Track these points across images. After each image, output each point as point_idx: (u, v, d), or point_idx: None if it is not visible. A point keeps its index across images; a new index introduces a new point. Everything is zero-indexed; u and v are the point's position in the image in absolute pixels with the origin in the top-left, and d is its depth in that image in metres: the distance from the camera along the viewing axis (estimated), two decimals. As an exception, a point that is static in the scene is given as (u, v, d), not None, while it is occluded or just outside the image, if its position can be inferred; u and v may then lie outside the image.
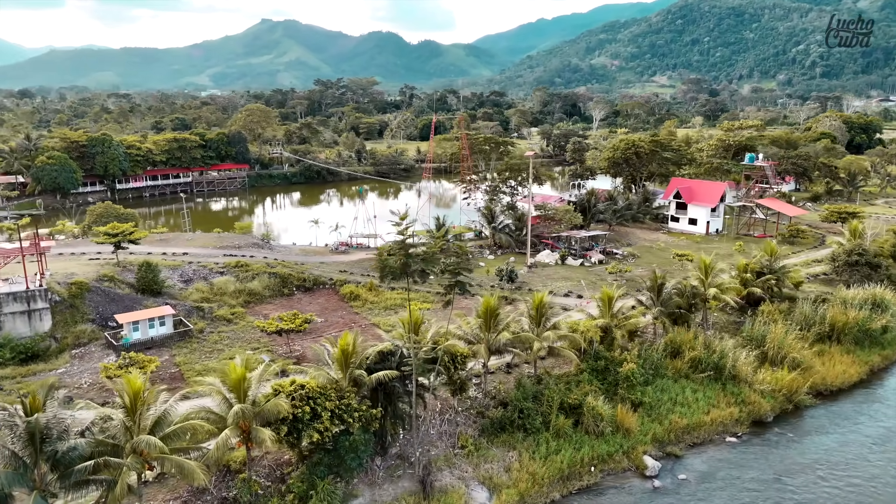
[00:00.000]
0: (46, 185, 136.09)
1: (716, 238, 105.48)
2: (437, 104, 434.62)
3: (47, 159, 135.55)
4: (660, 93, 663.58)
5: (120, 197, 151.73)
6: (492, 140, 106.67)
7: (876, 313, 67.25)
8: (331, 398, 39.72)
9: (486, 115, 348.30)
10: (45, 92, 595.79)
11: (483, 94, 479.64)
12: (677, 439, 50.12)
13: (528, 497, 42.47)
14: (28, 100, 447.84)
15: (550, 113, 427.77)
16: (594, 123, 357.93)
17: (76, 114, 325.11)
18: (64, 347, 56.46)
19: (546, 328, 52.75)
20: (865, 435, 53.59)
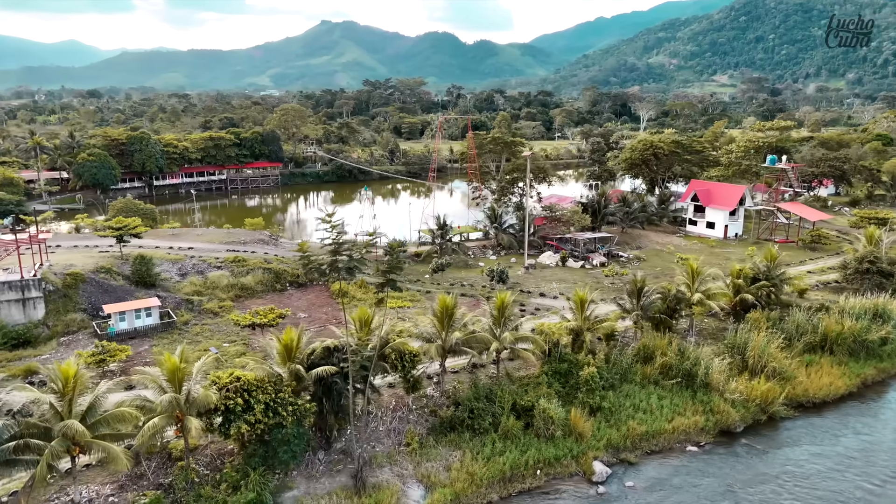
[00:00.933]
0: (87, 180, 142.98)
1: (733, 242, 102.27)
2: (484, 104, 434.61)
3: (88, 156, 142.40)
4: (719, 92, 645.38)
5: (157, 193, 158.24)
6: (499, 140, 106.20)
7: (876, 324, 64.12)
8: (267, 391, 40.78)
9: (530, 115, 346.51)
10: (114, 92, 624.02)
11: (531, 93, 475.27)
12: (634, 446, 49.13)
13: (464, 497, 42.51)
14: (94, 100, 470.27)
15: (599, 113, 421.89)
16: (642, 123, 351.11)
17: (135, 113, 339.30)
18: (54, 335, 59.53)
19: (508, 329, 52.61)
20: (844, 448, 51.43)
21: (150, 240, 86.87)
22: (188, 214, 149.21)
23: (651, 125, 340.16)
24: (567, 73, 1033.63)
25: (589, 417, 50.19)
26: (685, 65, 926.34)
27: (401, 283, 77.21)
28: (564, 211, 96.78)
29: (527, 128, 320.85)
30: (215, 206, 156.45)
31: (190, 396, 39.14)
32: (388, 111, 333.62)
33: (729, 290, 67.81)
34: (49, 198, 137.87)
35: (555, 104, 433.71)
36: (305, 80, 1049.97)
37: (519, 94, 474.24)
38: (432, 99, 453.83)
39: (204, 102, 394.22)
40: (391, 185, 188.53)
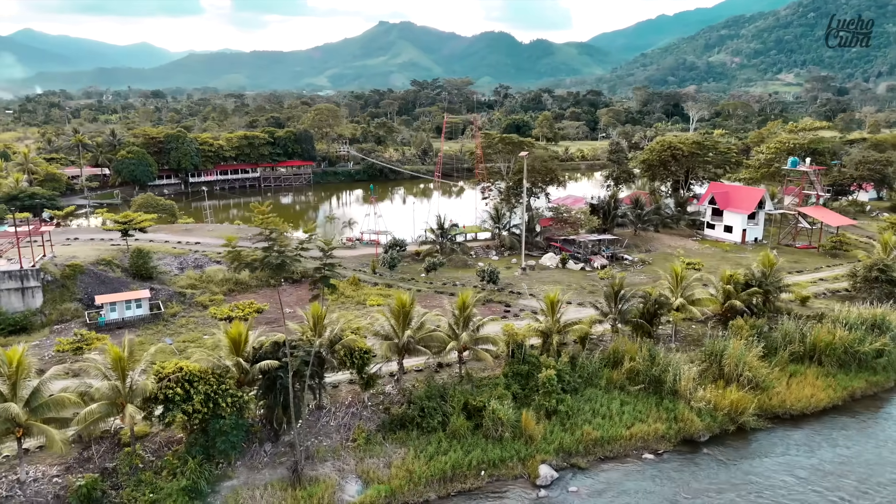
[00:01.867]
0: (125, 177, 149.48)
1: (749, 248, 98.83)
2: (531, 104, 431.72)
3: (127, 154, 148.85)
4: (782, 92, 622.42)
5: (192, 190, 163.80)
6: (508, 140, 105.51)
7: (871, 335, 61.09)
8: (209, 382, 42.16)
9: (574, 115, 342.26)
10: (179, 93, 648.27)
11: (579, 93, 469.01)
12: (586, 451, 48.40)
13: (399, 494, 42.84)
14: (155, 99, 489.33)
15: (650, 113, 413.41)
16: (691, 124, 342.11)
17: (191, 112, 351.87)
18: (48, 323, 62.82)
19: (468, 329, 52.69)
20: (818, 461, 49.49)
21: (163, 234, 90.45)
22: (223, 210, 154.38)
23: (703, 125, 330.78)
24: (623, 72, 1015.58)
25: (543, 420, 49.75)
26: (748, 63, 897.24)
27: (392, 282, 78.33)
28: (571, 212, 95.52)
29: (570, 128, 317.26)
30: (249, 203, 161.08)
31: (133, 385, 40.87)
32: (431, 111, 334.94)
33: (719, 296, 66.00)
34: (89, 193, 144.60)
35: (603, 104, 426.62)
36: (362, 80, 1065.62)
37: (567, 94, 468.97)
38: (479, 99, 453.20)
39: (256, 102, 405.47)
40: (423, 184, 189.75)
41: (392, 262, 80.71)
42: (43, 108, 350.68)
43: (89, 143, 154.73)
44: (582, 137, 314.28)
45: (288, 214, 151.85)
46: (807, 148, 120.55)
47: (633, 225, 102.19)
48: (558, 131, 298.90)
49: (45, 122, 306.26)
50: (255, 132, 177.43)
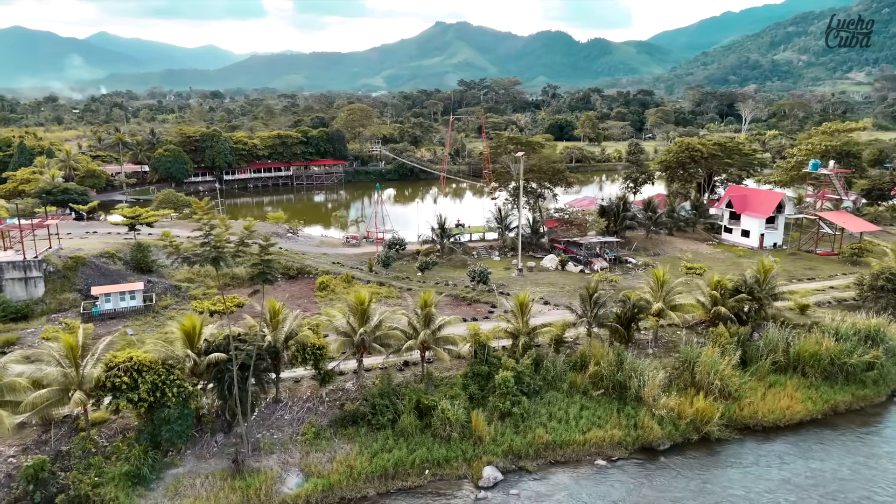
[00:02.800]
0: (162, 174, 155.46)
1: (766, 253, 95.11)
2: (579, 103, 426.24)
3: (164, 152, 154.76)
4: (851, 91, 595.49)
5: (227, 187, 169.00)
6: (517, 140, 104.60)
7: (863, 346, 58.19)
8: (159, 372, 43.78)
9: (619, 115, 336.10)
10: (239, 93, 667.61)
11: (630, 92, 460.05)
12: (537, 455, 47.98)
13: (338, 489, 43.48)
14: (214, 100, 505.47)
15: (702, 113, 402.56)
16: (743, 125, 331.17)
17: (242, 112, 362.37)
18: (47, 311, 66.21)
19: (430, 328, 52.94)
20: (788, 474, 47.72)
21: (176, 229, 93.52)
22: (259, 207, 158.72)
23: (759, 126, 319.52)
24: (683, 71, 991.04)
25: (496, 422, 49.53)
26: (816, 61, 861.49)
27: (385, 280, 79.16)
28: (578, 214, 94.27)
29: (614, 128, 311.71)
30: (281, 201, 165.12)
31: (84, 372, 42.86)
32: (474, 111, 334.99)
33: (707, 303, 64.15)
34: (127, 189, 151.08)
35: (654, 104, 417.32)
36: (417, 80, 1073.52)
37: (617, 94, 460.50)
38: (526, 98, 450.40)
39: (308, 102, 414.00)
40: (454, 184, 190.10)
41: (386, 261, 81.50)
42: (106, 107, 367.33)
43: (129, 141, 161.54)
44: (627, 138, 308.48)
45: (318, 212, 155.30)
46: (840, 150, 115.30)
47: (644, 228, 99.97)
48: (601, 131, 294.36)
49: (106, 121, 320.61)
50: (289, 132, 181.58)
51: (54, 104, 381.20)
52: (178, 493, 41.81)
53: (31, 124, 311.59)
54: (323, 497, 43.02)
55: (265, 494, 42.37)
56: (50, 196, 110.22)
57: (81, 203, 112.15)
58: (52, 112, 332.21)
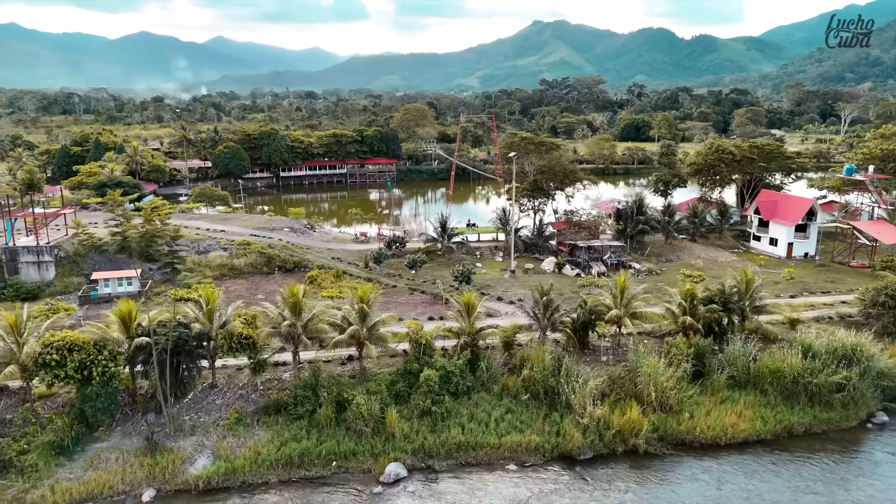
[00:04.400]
0: (221, 170, 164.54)
1: (793, 263, 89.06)
2: (666, 103, 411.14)
3: (224, 149, 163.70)
4: None
5: (283, 183, 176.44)
6: (529, 140, 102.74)
7: (834, 366, 53.71)
8: (89, 352, 47.28)
9: (702, 115, 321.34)
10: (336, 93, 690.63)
11: (721, 91, 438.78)
12: (448, 455, 47.88)
13: (241, 473, 45.27)
14: (309, 100, 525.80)
15: (801, 114, 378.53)
16: (842, 126, 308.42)
17: (326, 112, 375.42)
18: (53, 293, 72.38)
19: (366, 326, 53.93)
20: (716, 493, 45.48)
21: (199, 221, 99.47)
22: (314, 204, 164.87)
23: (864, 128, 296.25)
24: (794, 69, 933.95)
25: (416, 420, 49.77)
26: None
27: (375, 276, 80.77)
28: (586, 216, 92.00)
29: (695, 128, 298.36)
30: (335, 198, 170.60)
31: (23, 349, 46.99)
32: (548, 111, 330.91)
33: (678, 312, 61.29)
34: (189, 184, 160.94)
35: (748, 103, 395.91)
36: (511, 80, 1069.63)
37: (708, 93, 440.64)
38: (609, 98, 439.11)
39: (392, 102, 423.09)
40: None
41: (378, 258, 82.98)
42: (202, 107, 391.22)
43: (192, 138, 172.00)
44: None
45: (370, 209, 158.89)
46: None
47: (663, 232, 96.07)
48: (679, 132, 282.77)
49: (200, 119, 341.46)
50: (344, 131, 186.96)
51: (159, 104, 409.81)
52: (93, 465, 45.04)
53: (134, 122, 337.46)
54: (224, 480, 44.97)
55: (171, 473, 44.82)
56: (105, 188, 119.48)
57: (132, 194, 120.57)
58: (153, 112, 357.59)
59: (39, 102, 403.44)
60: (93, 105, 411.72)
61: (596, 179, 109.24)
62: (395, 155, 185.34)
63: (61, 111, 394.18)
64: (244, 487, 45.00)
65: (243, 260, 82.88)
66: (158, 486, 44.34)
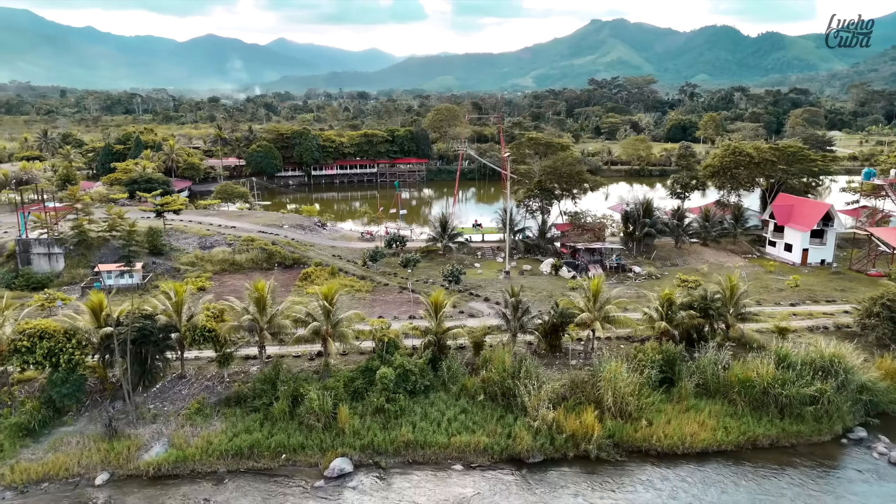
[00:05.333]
0: (254, 168, 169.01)
1: (807, 270, 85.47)
2: (720, 103, 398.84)
3: (257, 148, 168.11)
4: None
5: (314, 182, 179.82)
6: (537, 141, 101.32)
7: (809, 377, 51.41)
8: (58, 339, 49.68)
9: (753, 116, 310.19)
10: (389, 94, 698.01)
11: (779, 90, 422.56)
12: (396, 452, 48.17)
13: (191, 461, 46.65)
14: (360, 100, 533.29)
15: (865, 115, 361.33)
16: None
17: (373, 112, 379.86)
18: (60, 284, 76.06)
19: (330, 323, 54.79)
20: (651, 502, 44.19)
21: (214, 217, 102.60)
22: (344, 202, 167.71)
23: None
24: (865, 67, 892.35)
25: (369, 416, 50.20)
26: None
27: (369, 274, 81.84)
28: (590, 218, 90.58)
29: (745, 130, 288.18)
30: (365, 196, 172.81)
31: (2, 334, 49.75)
32: (593, 110, 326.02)
33: (656, 317, 59.86)
34: (224, 181, 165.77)
35: (808, 103, 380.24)
36: (566, 80, 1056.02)
37: (765, 92, 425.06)
38: (659, 97, 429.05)
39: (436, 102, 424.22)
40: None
41: (374, 256, 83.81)
42: (254, 107, 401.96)
43: (226, 137, 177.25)
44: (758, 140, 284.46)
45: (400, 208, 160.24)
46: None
47: (673, 236, 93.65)
48: (726, 133, 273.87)
49: (250, 119, 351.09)
50: (375, 130, 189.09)
51: (214, 104, 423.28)
52: (55, 447, 47.28)
53: (188, 122, 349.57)
54: (174, 467, 46.45)
55: (125, 458, 46.62)
56: (136, 185, 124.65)
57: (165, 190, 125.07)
58: (207, 112, 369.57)
59: (103, 102, 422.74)
60: (152, 105, 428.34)
61: (603, 181, 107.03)
62: (425, 155, 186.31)
63: (124, 111, 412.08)
64: (193, 476, 46.37)
65: (244, 256, 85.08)
66: (112, 471, 46.17)
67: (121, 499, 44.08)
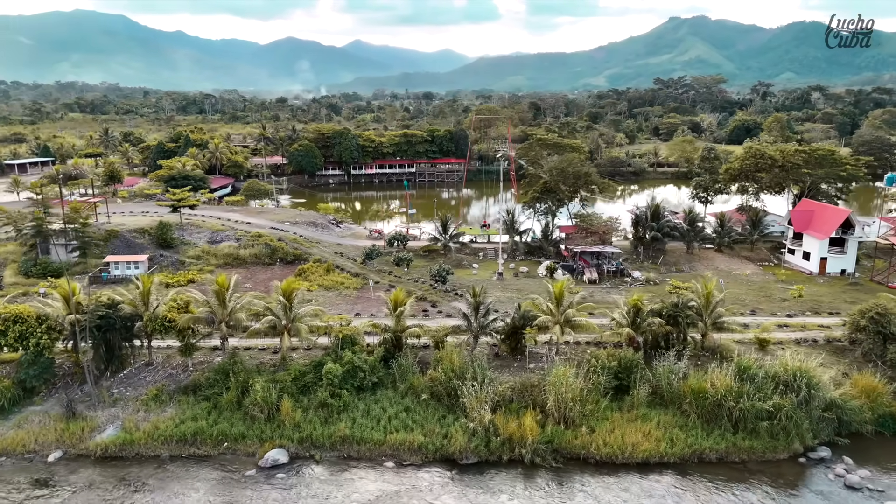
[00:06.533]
0: (295, 167, 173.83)
1: (822, 281, 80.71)
2: (796, 103, 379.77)
3: (298, 147, 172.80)
4: None
5: (354, 181, 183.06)
6: (545, 141, 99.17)
7: (770, 391, 48.78)
8: (31, 325, 53.02)
9: (826, 117, 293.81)
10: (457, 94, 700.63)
11: (862, 90, 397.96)
12: (332, 447, 48.89)
13: (136, 445, 48.85)
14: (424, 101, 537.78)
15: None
16: None
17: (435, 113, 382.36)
18: (74, 273, 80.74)
19: (288, 318, 56.15)
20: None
21: (234, 214, 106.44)
22: (381, 201, 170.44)
23: None
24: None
25: (313, 410, 51.08)
26: None
27: (363, 272, 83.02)
28: (596, 221, 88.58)
29: (815, 131, 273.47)
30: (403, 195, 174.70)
31: (-23, 319, 53.46)
32: (652, 111, 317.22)
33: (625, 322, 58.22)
34: (266, 179, 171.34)
35: (893, 103, 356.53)
36: (641, 79, 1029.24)
37: (846, 92, 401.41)
38: (729, 97, 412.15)
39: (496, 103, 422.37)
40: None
41: (369, 255, 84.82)
42: (317, 107, 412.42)
43: (270, 136, 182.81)
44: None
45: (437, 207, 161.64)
46: None
47: (684, 241, 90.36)
48: (793, 136, 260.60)
49: (312, 119, 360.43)
50: (414, 131, 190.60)
51: (281, 104, 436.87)
52: (19, 424, 50.54)
53: (252, 121, 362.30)
54: (121, 450, 48.77)
55: (78, 438, 49.32)
56: (174, 181, 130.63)
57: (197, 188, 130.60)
58: (271, 112, 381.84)
59: (179, 103, 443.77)
60: (223, 105, 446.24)
61: (612, 184, 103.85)
62: (463, 155, 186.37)
63: (197, 111, 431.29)
64: (137, 458, 48.55)
65: (249, 250, 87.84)
66: (65, 449, 48.95)
67: (66, 476, 46.66)
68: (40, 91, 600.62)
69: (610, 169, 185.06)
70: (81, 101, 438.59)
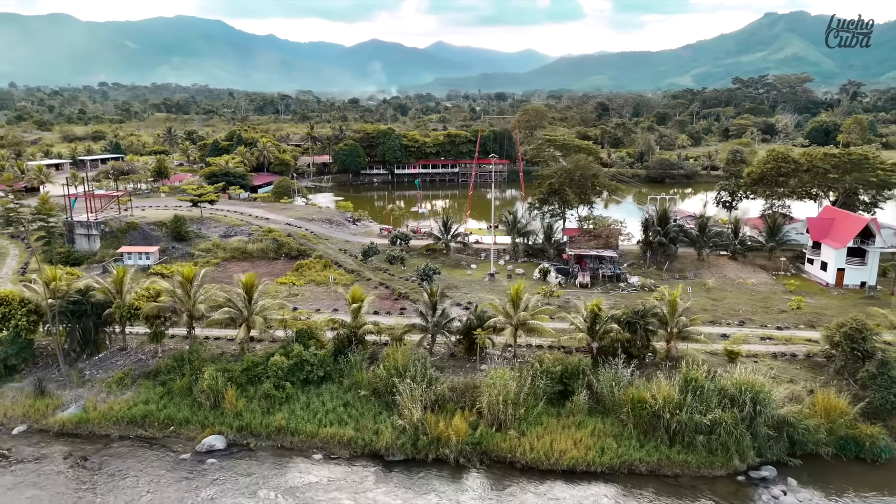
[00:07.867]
0: (340, 165, 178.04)
1: (835, 293, 75.58)
2: (888, 104, 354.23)
3: (343, 146, 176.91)
4: None
5: (397, 180, 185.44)
6: (554, 141, 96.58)
7: (714, 404, 46.45)
8: (13, 308, 57.27)
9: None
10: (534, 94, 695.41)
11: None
12: (269, 436, 50.31)
13: (90, 424, 51.96)
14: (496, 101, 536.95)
15: None
16: None
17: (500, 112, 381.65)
18: (93, 262, 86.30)
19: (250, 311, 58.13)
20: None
21: (257, 209, 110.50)
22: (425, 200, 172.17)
23: None
24: None
25: (257, 399, 52.65)
26: None
27: (358, 268, 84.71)
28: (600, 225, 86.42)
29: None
30: (446, 195, 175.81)
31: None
32: (723, 111, 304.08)
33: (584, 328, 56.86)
34: (311, 177, 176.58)
35: None
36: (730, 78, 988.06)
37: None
38: (815, 98, 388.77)
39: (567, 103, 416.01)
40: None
41: (367, 252, 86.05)
42: (384, 108, 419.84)
43: (316, 136, 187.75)
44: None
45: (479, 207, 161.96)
46: None
47: (695, 246, 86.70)
48: (875, 138, 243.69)
49: (378, 119, 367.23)
50: (458, 131, 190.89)
51: (353, 104, 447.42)
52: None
53: (321, 121, 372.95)
54: (76, 427, 51.98)
55: (41, 414, 52.95)
56: (215, 178, 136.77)
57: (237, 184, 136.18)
58: (339, 112, 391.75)
59: (257, 104, 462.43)
60: (297, 106, 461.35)
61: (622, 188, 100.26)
62: (507, 155, 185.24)
63: (274, 111, 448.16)
64: (90, 437, 51.62)
65: (256, 245, 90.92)
66: (30, 424, 52.63)
67: (23, 448, 50.19)
68: (135, 92, 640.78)
69: (659, 171, 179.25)
70: (168, 102, 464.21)
